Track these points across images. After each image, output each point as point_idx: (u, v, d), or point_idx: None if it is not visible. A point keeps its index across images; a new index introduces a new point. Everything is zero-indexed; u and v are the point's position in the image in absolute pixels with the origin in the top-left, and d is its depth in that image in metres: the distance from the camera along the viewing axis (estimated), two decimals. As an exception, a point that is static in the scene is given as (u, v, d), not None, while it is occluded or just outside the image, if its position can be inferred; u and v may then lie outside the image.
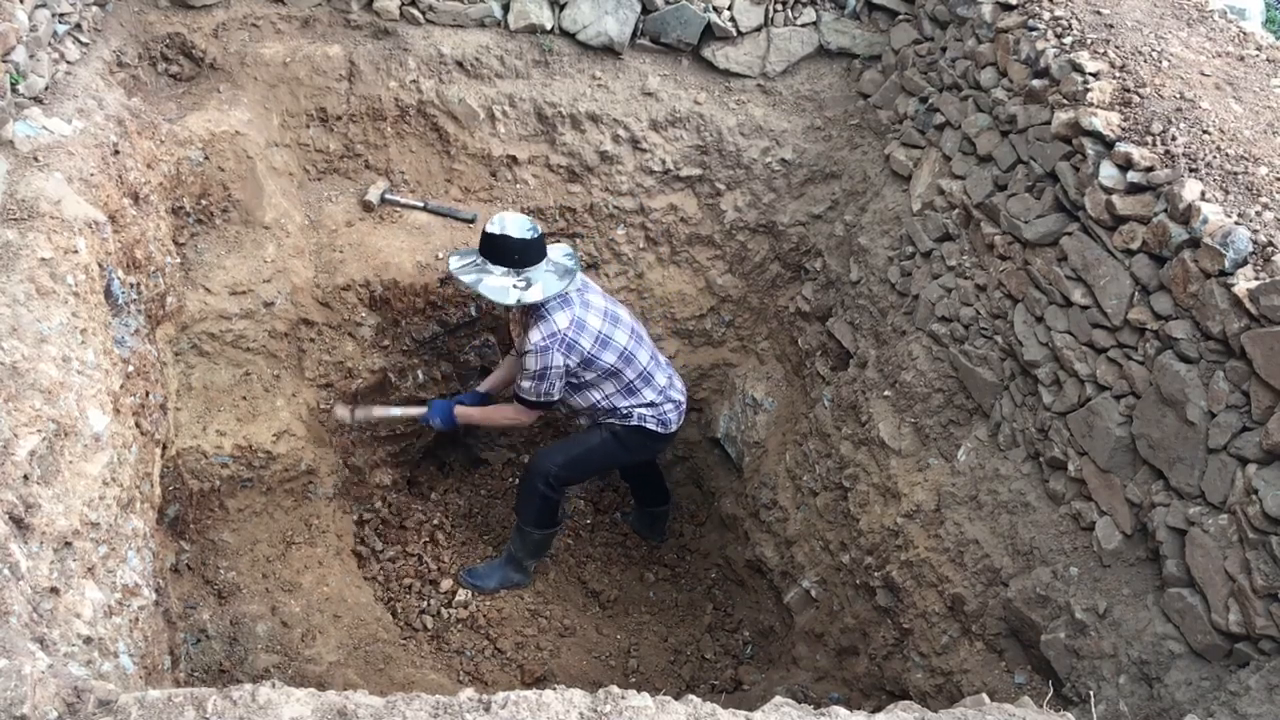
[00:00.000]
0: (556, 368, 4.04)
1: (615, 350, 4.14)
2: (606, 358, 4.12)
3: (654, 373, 4.29)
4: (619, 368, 4.17)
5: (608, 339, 4.12)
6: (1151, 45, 3.53)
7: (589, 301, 4.13)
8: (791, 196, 4.88)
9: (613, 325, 4.16)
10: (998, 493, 3.46)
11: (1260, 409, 2.53)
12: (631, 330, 4.24)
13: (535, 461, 4.49)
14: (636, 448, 4.46)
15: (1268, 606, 2.41)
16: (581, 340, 4.04)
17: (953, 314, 3.87)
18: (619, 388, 4.23)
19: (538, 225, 4.04)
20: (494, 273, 3.97)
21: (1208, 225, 2.74)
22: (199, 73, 4.30)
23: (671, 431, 4.44)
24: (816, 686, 4.14)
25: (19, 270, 2.56)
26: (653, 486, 5.13)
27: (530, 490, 4.43)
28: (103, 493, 2.50)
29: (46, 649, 1.90)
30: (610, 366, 4.14)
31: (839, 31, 4.74)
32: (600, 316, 4.13)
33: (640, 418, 4.31)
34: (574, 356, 4.05)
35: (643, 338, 4.30)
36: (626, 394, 4.25)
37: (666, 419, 4.37)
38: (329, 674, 3.80)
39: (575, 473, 4.53)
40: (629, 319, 4.29)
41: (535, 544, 4.61)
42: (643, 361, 4.23)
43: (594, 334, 4.08)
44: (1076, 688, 2.92)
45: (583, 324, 4.05)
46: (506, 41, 4.61)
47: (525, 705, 1.69)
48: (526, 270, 3.98)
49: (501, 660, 4.42)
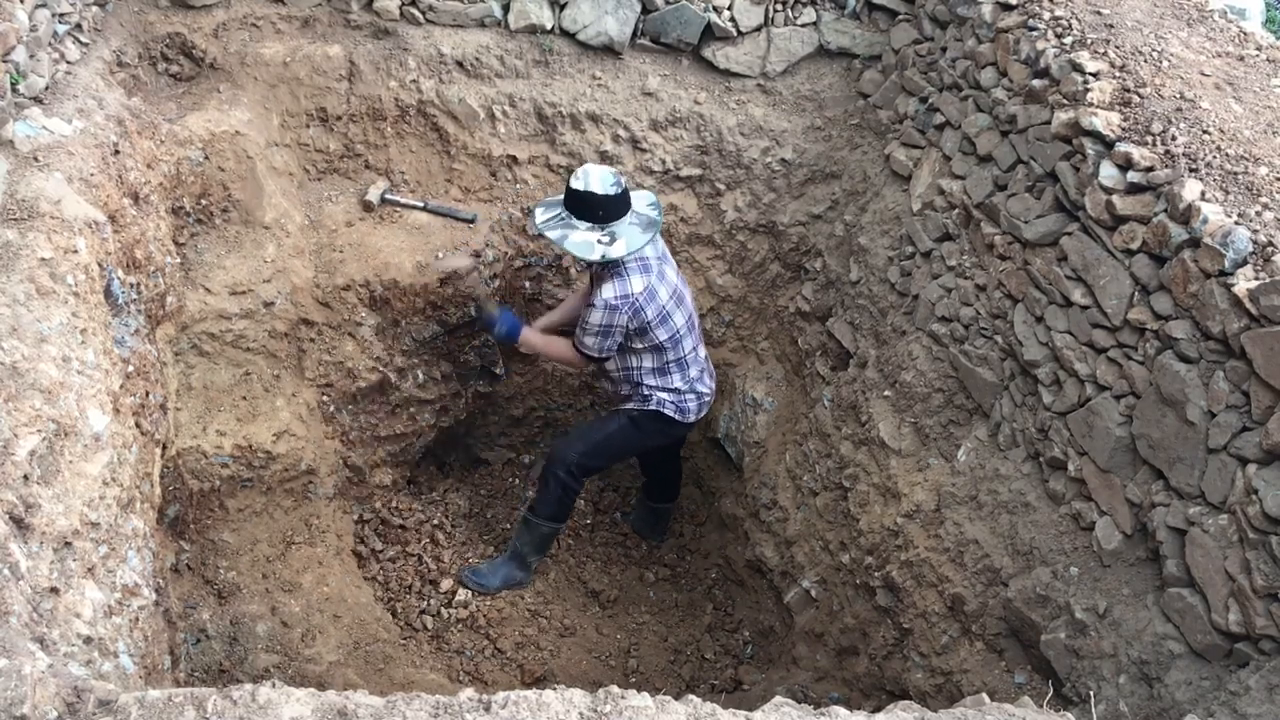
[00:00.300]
0: (620, 326, 4.08)
1: (670, 329, 4.18)
2: (660, 333, 4.15)
3: (690, 363, 4.32)
4: (666, 346, 4.20)
5: (668, 316, 4.16)
6: (1151, 45, 3.53)
7: (664, 273, 4.16)
8: (791, 196, 4.88)
9: (676, 304, 4.20)
10: (998, 493, 3.46)
11: (1260, 409, 2.53)
12: (689, 315, 4.29)
13: (556, 451, 4.52)
14: (653, 433, 4.47)
15: (1268, 606, 2.41)
16: (648, 309, 4.07)
17: (953, 314, 3.87)
18: (655, 365, 4.26)
19: (621, 177, 4.03)
20: (579, 228, 3.97)
21: (1208, 225, 2.74)
22: (199, 73, 4.30)
23: (690, 421, 4.46)
24: (816, 686, 4.14)
25: (19, 270, 2.56)
26: (667, 482, 5.14)
27: (552, 480, 4.46)
28: (103, 493, 2.50)
29: (46, 649, 1.90)
30: (660, 342, 4.17)
31: (839, 31, 4.74)
32: (669, 291, 4.16)
33: (660, 402, 4.33)
34: (636, 321, 4.08)
35: (694, 325, 4.35)
36: (658, 374, 4.28)
37: (686, 408, 4.39)
38: (329, 674, 3.80)
39: (596, 460, 4.56)
40: (690, 303, 4.34)
41: (542, 539, 4.62)
42: (686, 348, 4.27)
43: (659, 307, 4.11)
44: (1076, 688, 2.92)
45: (654, 293, 4.08)
46: (506, 41, 4.61)
47: (525, 705, 1.69)
48: (611, 224, 3.98)
49: (501, 660, 4.42)
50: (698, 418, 4.51)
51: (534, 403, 5.33)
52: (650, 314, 4.08)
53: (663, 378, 4.30)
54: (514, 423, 5.38)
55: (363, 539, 4.69)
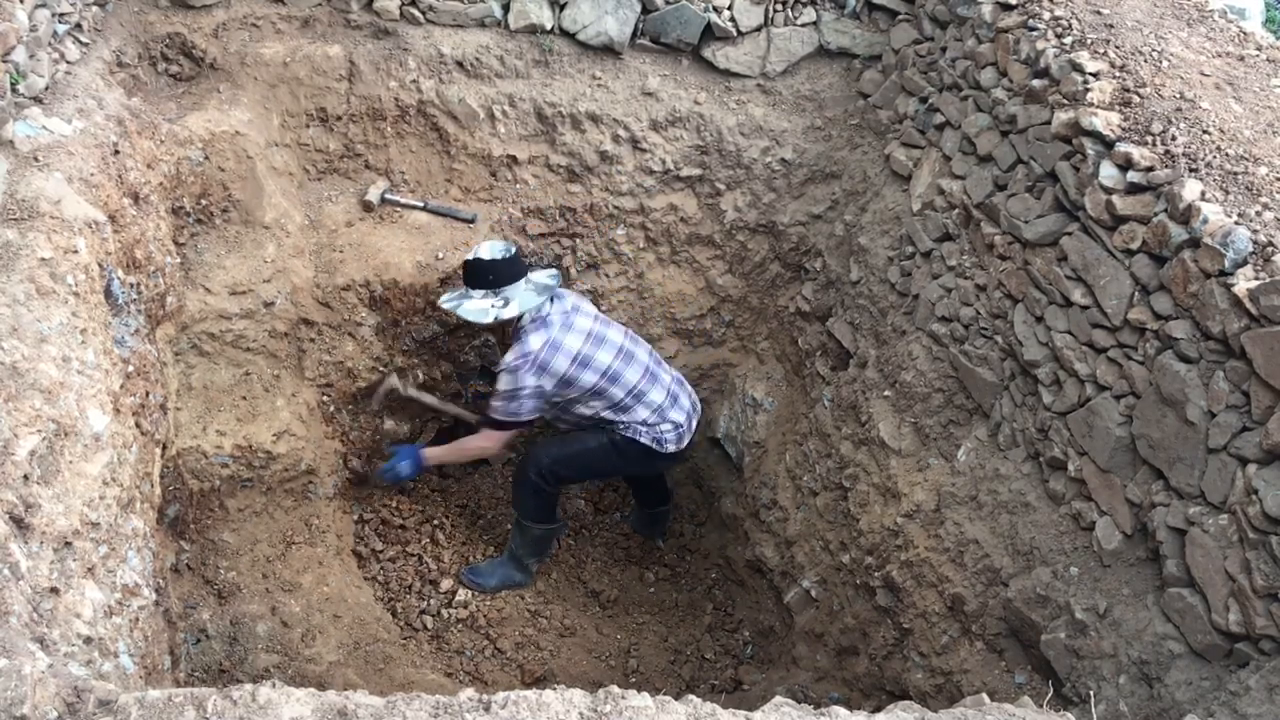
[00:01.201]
0: (527, 388, 4.11)
1: (597, 370, 4.18)
2: (586, 378, 4.17)
3: (647, 390, 4.29)
4: (604, 386, 4.21)
5: (588, 359, 4.16)
6: (1151, 45, 3.53)
7: (572, 323, 4.18)
8: (791, 196, 4.88)
9: (596, 345, 4.20)
10: (998, 493, 3.46)
11: (1260, 409, 2.53)
12: (619, 350, 4.25)
13: (530, 452, 4.55)
14: (635, 459, 4.46)
15: (1268, 606, 2.41)
16: (555, 361, 4.10)
17: (953, 314, 3.87)
18: (608, 405, 4.27)
19: (513, 247, 4.21)
20: (474, 296, 4.14)
21: (1208, 225, 2.74)
22: (199, 73, 4.30)
23: (669, 452, 4.41)
24: (816, 686, 4.14)
25: (19, 270, 2.56)
26: (654, 490, 5.14)
27: (522, 481, 4.48)
28: (103, 493, 2.50)
29: (46, 649, 1.90)
30: (593, 386, 4.19)
31: (839, 31, 4.74)
32: (582, 338, 4.17)
33: (635, 431, 4.33)
34: (547, 378, 4.12)
35: (633, 356, 4.30)
36: (618, 410, 4.29)
37: (663, 439, 4.37)
38: (329, 674, 3.80)
39: (568, 471, 4.54)
40: (620, 339, 4.30)
41: (535, 540, 4.62)
42: (631, 380, 4.25)
43: (571, 354, 4.13)
44: (1076, 688, 2.92)
45: (558, 345, 4.11)
46: (506, 41, 4.61)
47: (525, 705, 1.69)
48: (504, 289, 4.11)
49: (501, 660, 4.42)
50: (679, 449, 4.44)
51: (534, 403, 5.33)
52: (562, 365, 4.10)
53: (625, 413, 4.28)
54: (514, 423, 5.38)
55: (363, 539, 4.69)
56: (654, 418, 4.32)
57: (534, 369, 4.08)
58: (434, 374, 4.78)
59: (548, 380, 4.12)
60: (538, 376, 4.09)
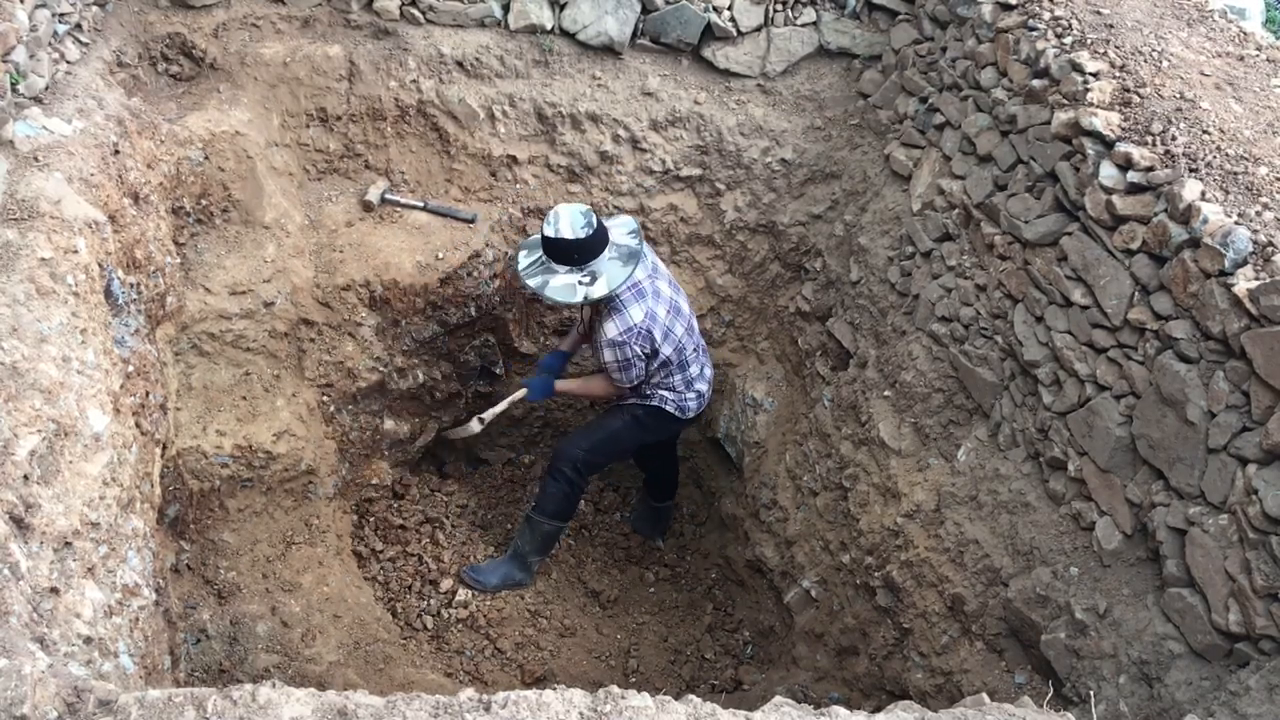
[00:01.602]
0: (636, 354, 4.11)
1: (674, 342, 4.22)
2: (665, 349, 4.19)
3: (690, 363, 4.35)
4: (671, 358, 4.25)
5: (669, 330, 4.19)
6: (1151, 45, 3.53)
7: (659, 291, 4.17)
8: (791, 196, 4.88)
9: (674, 317, 4.22)
10: (998, 493, 3.46)
11: (1260, 409, 2.53)
12: (687, 321, 4.32)
13: (562, 449, 4.54)
14: (656, 428, 4.52)
15: (1268, 606, 2.41)
16: (654, 331, 4.11)
17: (953, 314, 3.87)
18: (659, 374, 4.30)
19: (593, 214, 3.99)
20: (559, 272, 3.97)
21: (1208, 225, 2.74)
22: (199, 73, 4.30)
23: (689, 417, 4.51)
24: (816, 686, 4.14)
25: (19, 270, 2.56)
26: (664, 480, 5.15)
27: (560, 478, 4.48)
28: (103, 493, 2.50)
29: (46, 649, 1.90)
30: (665, 357, 4.22)
31: (839, 31, 4.74)
32: (666, 307, 4.17)
33: (661, 399, 4.38)
34: (649, 346, 4.12)
35: (693, 327, 4.39)
36: (659, 374, 4.31)
37: (686, 406, 4.44)
38: (329, 674, 3.80)
39: (601, 456, 4.59)
40: (686, 306, 4.36)
41: (544, 537, 4.62)
42: (687, 352, 4.31)
43: (662, 326, 4.14)
44: (1076, 688, 2.92)
45: (654, 315, 4.10)
46: (506, 41, 4.61)
47: (525, 705, 1.69)
48: (590, 264, 3.97)
49: (501, 660, 4.42)
50: (697, 413, 4.57)
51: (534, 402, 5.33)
52: (658, 336, 4.11)
53: (664, 379, 4.33)
54: (514, 423, 5.38)
55: (363, 539, 4.69)
56: (683, 387, 4.37)
57: (639, 339, 4.06)
58: (434, 374, 4.78)
59: (648, 348, 4.12)
60: (643, 345, 4.09)
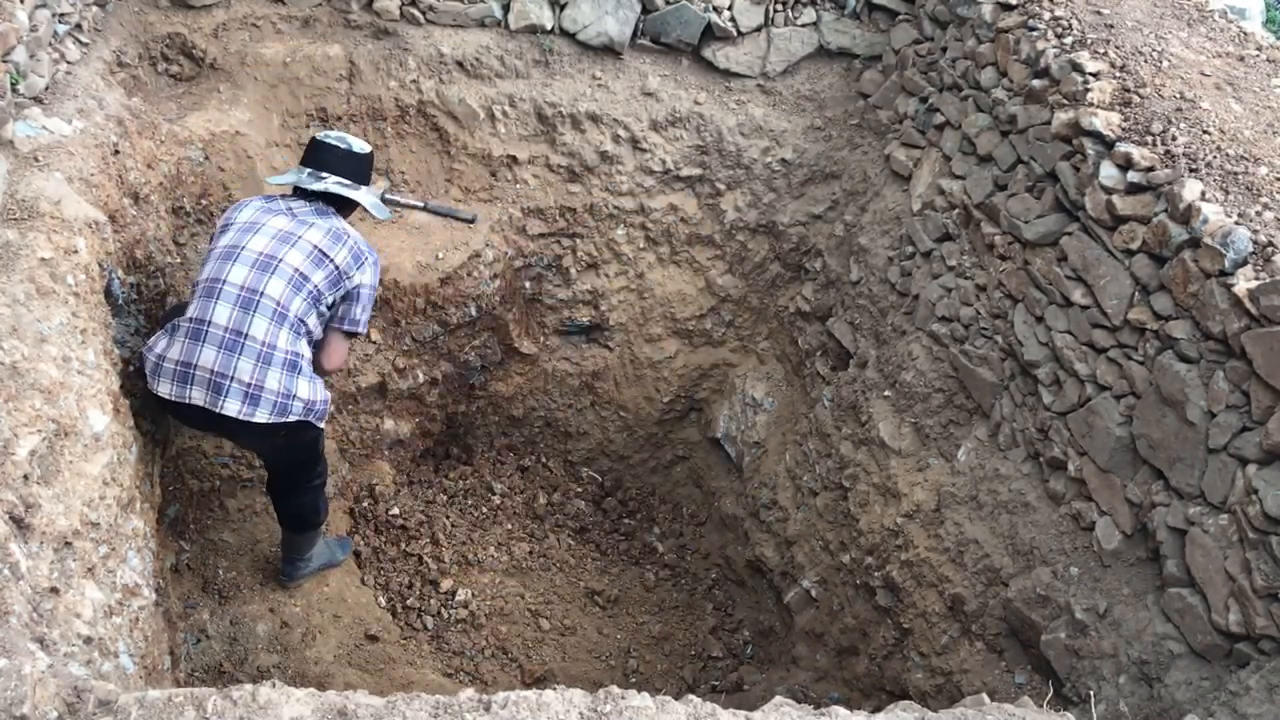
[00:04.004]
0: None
1: (206, 270, 3.25)
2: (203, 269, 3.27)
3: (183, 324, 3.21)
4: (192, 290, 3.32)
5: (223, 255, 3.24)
6: (1151, 45, 3.53)
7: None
8: (791, 196, 4.88)
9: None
10: (998, 493, 3.46)
11: (1260, 409, 2.53)
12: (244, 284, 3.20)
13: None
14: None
15: (1268, 606, 2.41)
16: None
17: (953, 314, 3.87)
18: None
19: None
20: (363, 190, 3.43)
21: (1208, 225, 2.74)
22: (199, 73, 4.30)
23: (157, 391, 3.11)
24: (816, 686, 4.14)
25: (19, 270, 2.56)
26: (279, 487, 3.70)
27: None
28: (103, 493, 2.50)
29: (46, 649, 1.90)
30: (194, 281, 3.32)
31: (839, 31, 4.74)
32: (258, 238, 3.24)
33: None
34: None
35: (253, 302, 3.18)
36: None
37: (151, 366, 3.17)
38: (329, 674, 3.79)
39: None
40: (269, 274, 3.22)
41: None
42: (194, 310, 3.19)
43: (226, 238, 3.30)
44: (1076, 688, 2.92)
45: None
46: (506, 41, 4.61)
47: (525, 705, 1.69)
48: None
49: (501, 660, 4.42)
50: (170, 399, 3.10)
51: (534, 403, 5.33)
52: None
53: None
54: (514, 423, 5.38)
55: (363, 539, 4.69)
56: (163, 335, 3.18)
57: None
58: (434, 374, 4.78)
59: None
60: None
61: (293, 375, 3.14)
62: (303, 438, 3.36)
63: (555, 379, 5.26)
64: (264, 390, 3.09)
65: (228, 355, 3.05)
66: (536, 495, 5.31)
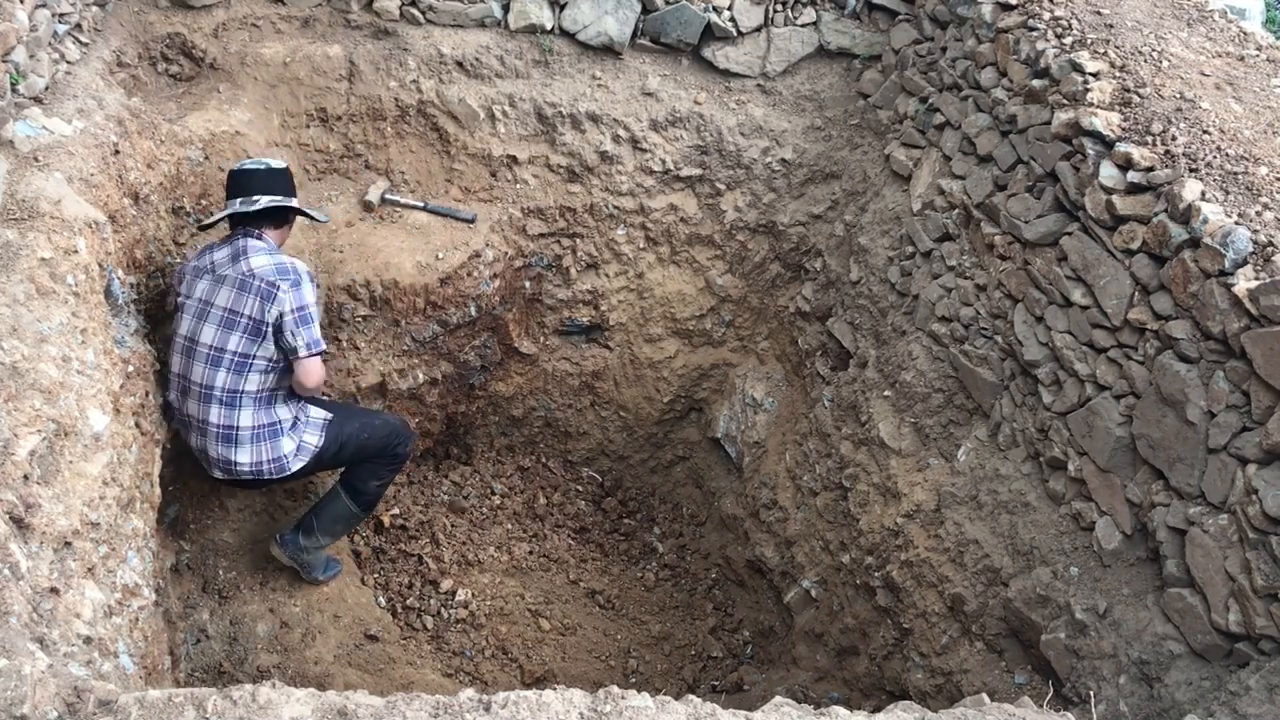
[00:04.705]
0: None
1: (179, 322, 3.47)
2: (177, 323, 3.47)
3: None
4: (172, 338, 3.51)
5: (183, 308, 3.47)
6: (1151, 45, 3.53)
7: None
8: (791, 196, 4.88)
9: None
10: (998, 493, 3.46)
11: (1260, 409, 2.53)
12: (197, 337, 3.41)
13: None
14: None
15: (1268, 606, 2.41)
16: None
17: (953, 314, 3.87)
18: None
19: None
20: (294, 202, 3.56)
21: (1208, 225, 2.74)
22: (199, 73, 4.30)
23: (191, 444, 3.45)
24: (816, 686, 4.14)
25: (19, 270, 2.56)
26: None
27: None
28: (103, 493, 2.50)
29: (46, 649, 1.90)
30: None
31: (839, 31, 4.74)
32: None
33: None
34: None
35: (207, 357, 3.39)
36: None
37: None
38: (329, 674, 3.79)
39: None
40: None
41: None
42: (174, 366, 3.44)
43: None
44: (1076, 688, 2.92)
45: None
46: (506, 41, 4.61)
47: (525, 705, 1.69)
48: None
49: (501, 660, 4.42)
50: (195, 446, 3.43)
51: (534, 403, 5.33)
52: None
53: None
54: (514, 423, 5.38)
55: (363, 539, 4.69)
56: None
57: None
58: (434, 374, 4.78)
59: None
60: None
61: (275, 440, 3.43)
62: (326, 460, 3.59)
63: (555, 379, 5.26)
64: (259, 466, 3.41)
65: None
66: (536, 495, 5.31)
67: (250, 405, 3.35)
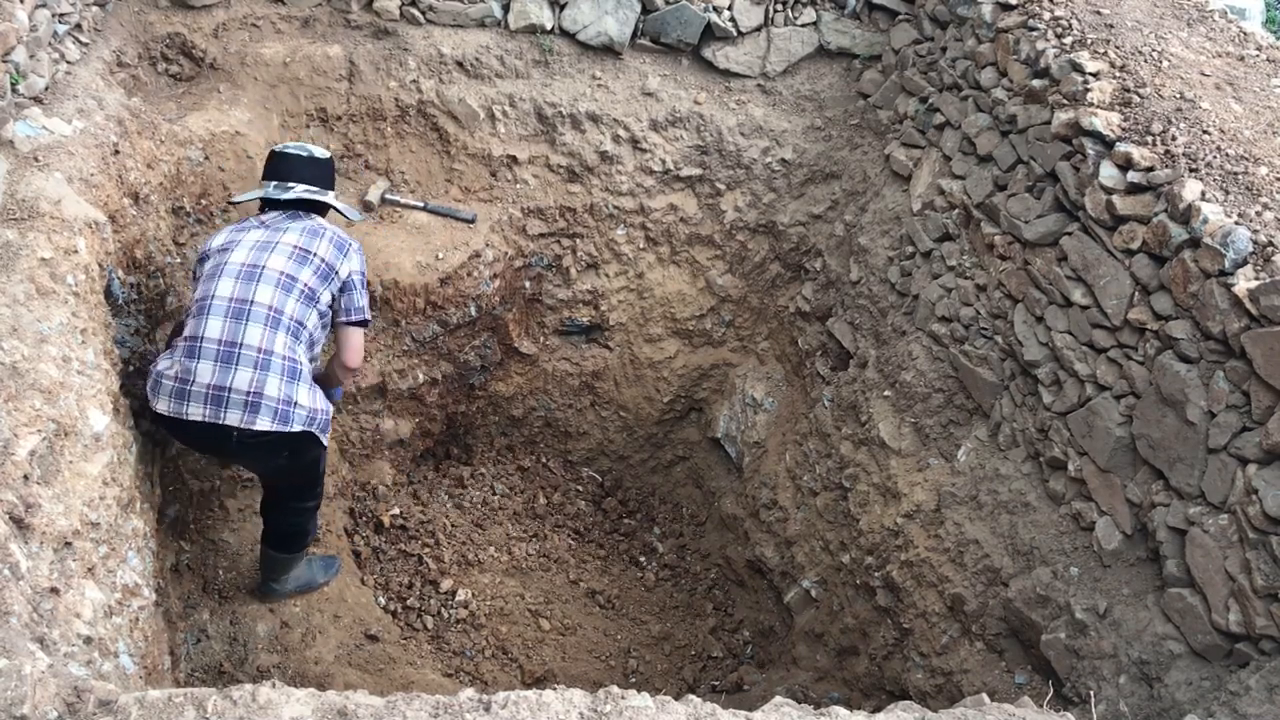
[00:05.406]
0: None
1: (202, 290, 3.26)
2: (197, 288, 3.30)
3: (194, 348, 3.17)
4: (189, 311, 3.32)
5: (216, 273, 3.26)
6: (1151, 45, 3.53)
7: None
8: (791, 196, 4.88)
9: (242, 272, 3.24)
10: (998, 493, 3.46)
11: (1260, 409, 2.53)
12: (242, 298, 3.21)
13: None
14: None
15: (1268, 606, 2.41)
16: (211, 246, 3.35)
17: (953, 314, 3.87)
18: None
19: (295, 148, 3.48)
20: (330, 196, 3.45)
21: (1208, 225, 2.74)
22: (199, 73, 4.30)
23: (158, 410, 3.07)
24: (816, 686, 4.14)
25: (19, 270, 2.56)
26: (271, 506, 3.68)
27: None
28: (103, 493, 2.50)
29: (46, 649, 1.90)
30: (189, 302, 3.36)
31: (839, 31, 4.74)
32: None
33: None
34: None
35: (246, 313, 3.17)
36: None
37: (157, 387, 3.11)
38: (329, 674, 3.79)
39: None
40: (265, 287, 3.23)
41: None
42: (200, 328, 3.14)
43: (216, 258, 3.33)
44: (1076, 688, 2.92)
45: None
46: (506, 41, 4.61)
47: (525, 705, 1.69)
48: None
49: (501, 660, 4.42)
50: (169, 411, 3.03)
51: (534, 403, 5.33)
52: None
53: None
54: (514, 423, 5.38)
55: (363, 539, 4.69)
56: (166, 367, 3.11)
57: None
58: (434, 374, 4.78)
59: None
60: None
61: (292, 382, 3.11)
62: (305, 457, 3.33)
63: (555, 379, 5.26)
64: (263, 397, 3.05)
65: (224, 368, 3.02)
66: (536, 495, 5.31)
67: (278, 374, 3.07)
